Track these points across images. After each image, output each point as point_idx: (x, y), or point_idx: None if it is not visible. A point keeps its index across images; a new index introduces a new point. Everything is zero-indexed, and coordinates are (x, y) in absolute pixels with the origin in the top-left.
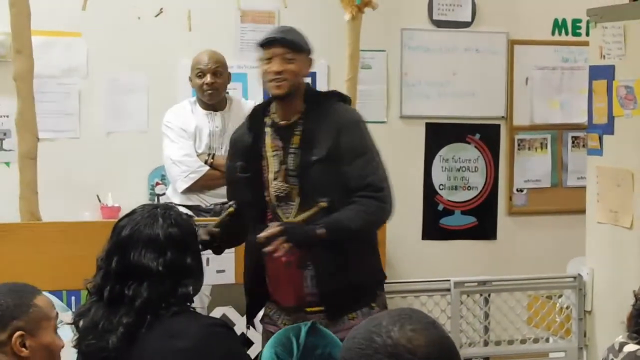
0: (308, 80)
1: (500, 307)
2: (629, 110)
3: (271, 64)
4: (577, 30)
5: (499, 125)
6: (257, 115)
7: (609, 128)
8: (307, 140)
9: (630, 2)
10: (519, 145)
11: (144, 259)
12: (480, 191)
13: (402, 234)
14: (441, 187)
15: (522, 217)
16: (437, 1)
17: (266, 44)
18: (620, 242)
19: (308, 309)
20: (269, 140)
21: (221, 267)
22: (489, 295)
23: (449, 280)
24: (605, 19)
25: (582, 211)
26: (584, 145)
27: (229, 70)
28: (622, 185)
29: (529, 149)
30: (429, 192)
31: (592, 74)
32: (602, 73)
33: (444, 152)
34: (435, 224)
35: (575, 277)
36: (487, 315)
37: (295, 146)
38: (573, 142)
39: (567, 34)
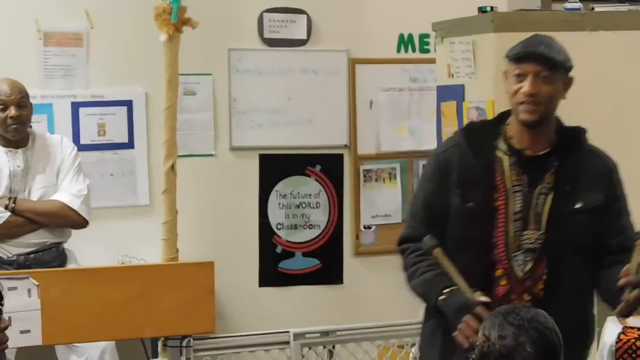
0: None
1: (347, 359)
2: None
3: (523, 82)
4: (425, 47)
5: (341, 155)
6: (485, 135)
7: None
8: (565, 182)
9: (479, 14)
10: (365, 176)
11: None
12: (323, 230)
13: (235, 281)
14: (279, 226)
15: (371, 257)
16: (268, 17)
17: (518, 58)
18: None
19: None
20: (508, 170)
21: (25, 327)
22: (334, 347)
23: (288, 332)
24: (453, 34)
25: None
26: None
27: (31, 100)
28: None
29: (377, 180)
30: (266, 232)
31: (440, 94)
32: (451, 93)
33: (281, 186)
34: (274, 269)
35: None
36: None
37: (548, 186)
38: None
39: (414, 50)
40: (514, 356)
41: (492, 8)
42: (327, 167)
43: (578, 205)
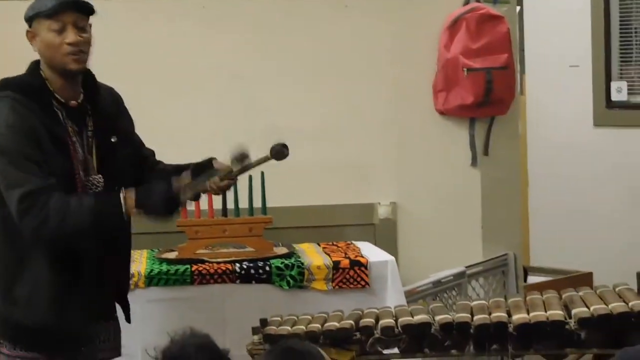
0: None
1: None
2: None
3: (64, 34)
4: None
5: None
6: (39, 93)
7: None
8: (100, 123)
9: None
10: None
11: None
12: None
13: None
14: None
15: None
16: None
17: (55, 12)
18: None
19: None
20: (64, 123)
21: None
22: None
23: None
24: None
25: None
26: None
27: None
28: None
29: None
30: None
31: None
32: None
33: None
34: None
35: None
36: None
37: (91, 130)
38: None
39: None
40: None
41: None
42: None
43: (114, 140)
